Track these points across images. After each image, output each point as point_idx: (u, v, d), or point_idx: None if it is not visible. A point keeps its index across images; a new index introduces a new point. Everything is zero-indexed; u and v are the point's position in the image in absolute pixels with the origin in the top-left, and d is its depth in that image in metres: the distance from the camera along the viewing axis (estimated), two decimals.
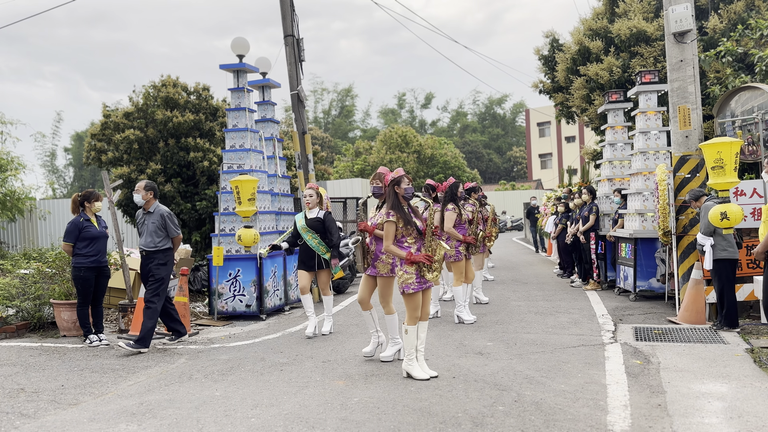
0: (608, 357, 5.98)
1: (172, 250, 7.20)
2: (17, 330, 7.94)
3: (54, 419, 4.61)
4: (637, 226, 9.45)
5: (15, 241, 19.85)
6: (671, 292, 8.91)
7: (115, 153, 12.87)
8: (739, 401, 4.57)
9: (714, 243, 6.93)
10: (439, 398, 4.80)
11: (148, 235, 7.07)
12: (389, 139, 40.07)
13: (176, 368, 6.07)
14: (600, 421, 4.25)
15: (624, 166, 11.31)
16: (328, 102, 70.92)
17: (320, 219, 7.38)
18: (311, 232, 7.32)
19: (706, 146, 6.86)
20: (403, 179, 5.47)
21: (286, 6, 10.76)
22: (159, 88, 13.14)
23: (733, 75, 9.56)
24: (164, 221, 7.05)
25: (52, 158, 56.02)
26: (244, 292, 8.93)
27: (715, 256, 6.94)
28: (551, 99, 16.28)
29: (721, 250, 6.93)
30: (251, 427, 4.29)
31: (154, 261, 7.04)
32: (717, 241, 6.93)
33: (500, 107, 73.28)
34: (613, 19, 13.68)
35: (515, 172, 65.99)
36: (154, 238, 7.05)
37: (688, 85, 8.18)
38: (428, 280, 5.36)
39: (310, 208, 7.44)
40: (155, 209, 7.10)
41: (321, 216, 7.41)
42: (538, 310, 8.77)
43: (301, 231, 7.37)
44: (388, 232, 5.38)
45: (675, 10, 8.05)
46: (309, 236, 7.31)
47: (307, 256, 7.40)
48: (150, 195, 7.11)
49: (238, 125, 9.75)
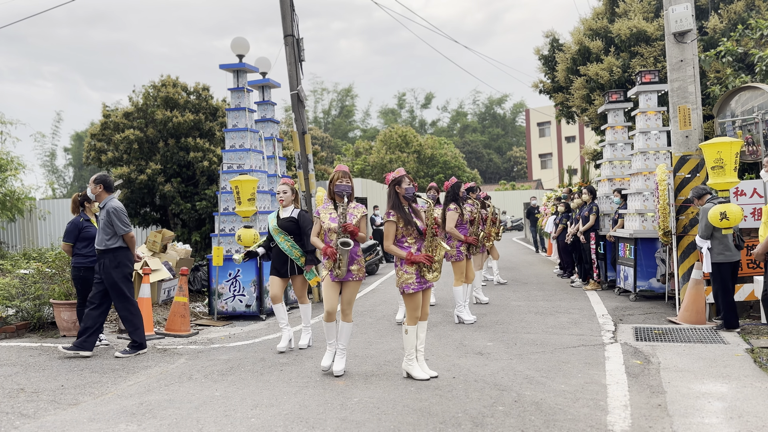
0: (608, 357, 5.97)
1: (127, 251, 6.70)
2: (17, 330, 7.93)
3: (54, 419, 4.61)
4: (637, 226, 9.45)
5: (15, 241, 19.84)
6: (671, 292, 8.91)
7: (115, 153, 12.86)
8: (739, 401, 4.56)
9: (711, 246, 6.93)
10: (439, 398, 4.80)
11: (98, 233, 6.66)
12: (389, 139, 40.07)
13: (176, 368, 6.07)
14: (600, 421, 4.24)
15: (624, 166, 11.31)
16: (328, 102, 70.95)
17: (293, 219, 6.62)
18: (284, 233, 6.57)
19: (706, 146, 6.86)
20: (403, 179, 5.46)
21: (286, 6, 10.76)
22: (159, 88, 13.14)
23: (733, 75, 9.55)
24: (110, 217, 6.54)
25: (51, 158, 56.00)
26: (244, 292, 8.93)
27: (713, 259, 6.94)
28: (551, 99, 16.28)
29: (718, 254, 6.92)
30: (251, 427, 4.29)
31: (103, 263, 6.63)
32: (714, 244, 6.93)
33: (500, 107, 73.33)
34: (613, 19, 13.68)
35: (515, 172, 66.00)
36: (103, 236, 6.59)
37: (688, 85, 8.18)
38: (428, 281, 5.36)
39: (284, 206, 6.69)
40: (105, 204, 6.63)
41: (295, 216, 6.65)
42: (538, 310, 8.77)
43: (273, 233, 6.64)
44: (388, 231, 5.37)
45: (675, 10, 8.05)
46: (281, 238, 6.56)
47: (280, 260, 6.64)
48: (100, 188, 6.64)
49: (238, 125, 9.74)
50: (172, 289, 10.07)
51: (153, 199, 12.87)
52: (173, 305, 7.95)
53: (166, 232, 10.23)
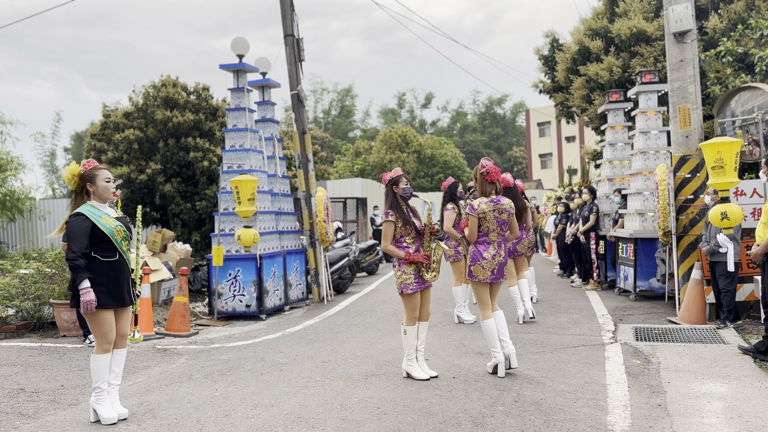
0: (608, 357, 5.97)
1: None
2: (17, 330, 7.93)
3: (54, 419, 4.61)
4: (637, 226, 9.45)
5: (15, 241, 19.85)
6: (671, 292, 8.91)
7: (115, 153, 12.86)
8: (739, 401, 4.56)
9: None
10: (439, 398, 4.80)
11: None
12: (389, 139, 40.05)
13: (176, 368, 6.07)
14: (600, 421, 4.24)
15: (624, 166, 11.31)
16: (328, 102, 70.93)
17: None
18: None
19: (706, 146, 6.86)
20: (401, 179, 5.46)
21: (286, 6, 10.75)
22: (159, 88, 13.14)
23: (733, 75, 9.56)
24: None
25: (51, 158, 55.96)
26: (244, 292, 8.93)
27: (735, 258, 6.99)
28: (551, 99, 16.29)
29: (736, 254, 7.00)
30: (251, 427, 4.29)
31: None
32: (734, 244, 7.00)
33: (500, 107, 73.30)
34: (613, 18, 13.68)
35: (515, 172, 65.96)
36: None
37: (688, 85, 8.18)
38: (426, 281, 5.36)
39: None
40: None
41: None
42: (538, 310, 8.77)
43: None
44: (387, 231, 5.37)
45: (675, 9, 8.05)
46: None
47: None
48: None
49: (238, 125, 9.74)
50: (172, 289, 10.07)
51: (153, 199, 12.87)
52: (173, 305, 7.95)
53: (166, 232, 10.23)
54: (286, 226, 10.46)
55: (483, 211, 5.47)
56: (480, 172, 5.58)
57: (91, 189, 4.53)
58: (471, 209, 5.51)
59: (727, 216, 6.49)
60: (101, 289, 4.39)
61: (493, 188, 5.59)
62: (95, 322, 4.41)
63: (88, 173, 4.53)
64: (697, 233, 7.93)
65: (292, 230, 10.61)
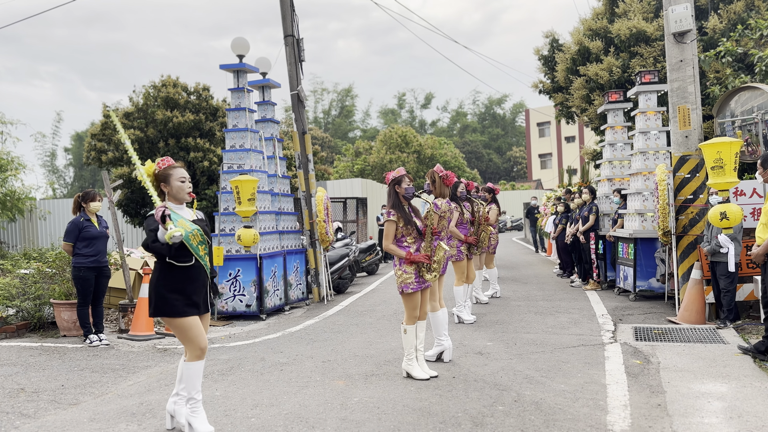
0: (608, 357, 5.98)
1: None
2: (17, 330, 7.94)
3: (54, 419, 4.62)
4: (637, 226, 9.46)
5: (15, 241, 19.85)
6: (671, 292, 8.91)
7: (115, 153, 12.88)
8: (739, 401, 4.57)
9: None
10: (439, 398, 4.81)
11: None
12: (389, 139, 40.07)
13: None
14: (600, 421, 4.25)
15: (624, 166, 11.32)
16: (328, 102, 70.95)
17: None
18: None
19: (705, 146, 6.86)
20: (403, 179, 5.47)
21: (286, 6, 10.76)
22: (159, 88, 13.16)
23: (733, 75, 9.56)
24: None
25: (52, 158, 56.10)
26: (244, 292, 8.94)
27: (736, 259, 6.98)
28: (551, 99, 16.28)
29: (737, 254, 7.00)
30: (251, 427, 4.29)
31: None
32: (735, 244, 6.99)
33: (500, 107, 73.34)
34: (612, 19, 13.69)
35: (515, 172, 65.99)
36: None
37: (688, 85, 8.18)
38: (427, 280, 5.36)
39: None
40: None
41: None
42: (538, 310, 8.77)
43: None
44: (388, 231, 5.38)
45: (675, 10, 8.05)
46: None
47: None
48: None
49: (238, 125, 9.75)
50: None
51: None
52: None
53: None
54: (287, 226, 10.46)
55: (444, 210, 6.16)
56: (439, 176, 6.48)
57: (165, 189, 4.18)
58: (436, 208, 5.95)
59: (727, 216, 6.50)
60: (176, 296, 4.04)
61: (448, 191, 6.60)
62: (178, 330, 4.07)
63: (162, 173, 4.15)
64: (697, 233, 7.93)
65: (292, 230, 10.62)
